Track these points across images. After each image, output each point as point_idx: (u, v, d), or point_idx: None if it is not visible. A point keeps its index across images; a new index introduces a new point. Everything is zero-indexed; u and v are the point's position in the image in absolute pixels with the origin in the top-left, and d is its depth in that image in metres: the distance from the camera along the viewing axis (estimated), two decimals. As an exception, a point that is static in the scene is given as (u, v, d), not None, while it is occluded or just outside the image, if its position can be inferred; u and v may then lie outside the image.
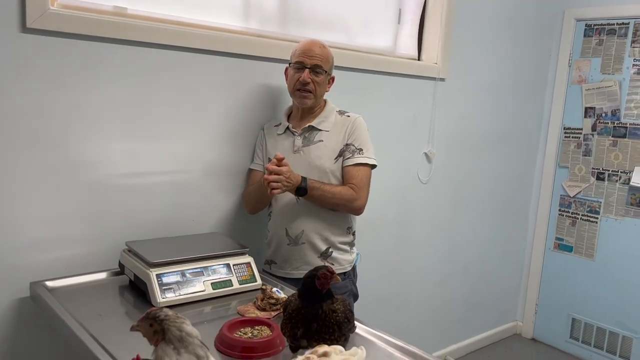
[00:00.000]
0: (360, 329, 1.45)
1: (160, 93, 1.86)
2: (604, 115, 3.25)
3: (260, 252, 2.06)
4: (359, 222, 2.07)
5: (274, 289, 1.61)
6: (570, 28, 3.36)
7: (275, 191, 1.77)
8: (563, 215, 3.46)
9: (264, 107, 2.13)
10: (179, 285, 1.58)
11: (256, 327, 1.38)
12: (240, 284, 1.69)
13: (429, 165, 2.86)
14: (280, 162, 1.78)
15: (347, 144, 1.94)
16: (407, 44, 2.73)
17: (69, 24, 1.63)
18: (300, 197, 1.88)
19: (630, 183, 3.13)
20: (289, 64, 1.94)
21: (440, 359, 3.07)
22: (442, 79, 2.79)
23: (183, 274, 1.61)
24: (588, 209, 3.34)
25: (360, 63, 2.42)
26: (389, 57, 2.61)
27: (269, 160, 1.94)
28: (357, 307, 1.86)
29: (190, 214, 2.00)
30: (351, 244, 2.02)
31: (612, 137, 3.22)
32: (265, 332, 1.36)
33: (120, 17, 1.76)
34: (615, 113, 3.20)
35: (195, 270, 1.64)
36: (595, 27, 3.28)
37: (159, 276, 1.56)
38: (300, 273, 1.91)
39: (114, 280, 1.77)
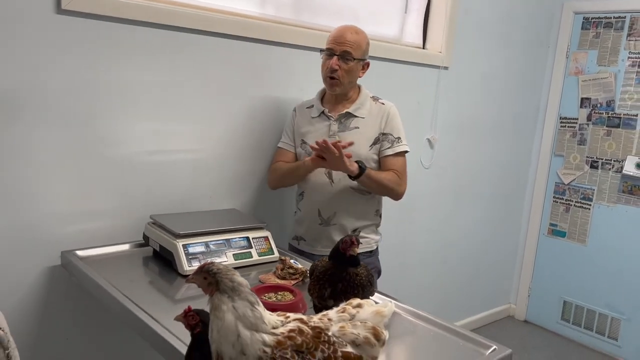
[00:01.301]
0: (378, 297, 1.56)
1: (185, 75, 1.95)
2: (599, 105, 3.37)
3: (275, 228, 2.16)
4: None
5: (292, 260, 1.72)
6: (568, 21, 3.47)
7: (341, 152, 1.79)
8: (557, 202, 3.59)
9: (283, 90, 2.23)
10: (203, 255, 1.68)
11: (279, 293, 1.48)
12: (259, 256, 1.79)
13: (431, 151, 2.97)
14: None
15: (384, 133, 1.99)
16: (413, 33, 2.83)
17: (101, 6, 1.71)
18: (353, 178, 1.90)
19: (623, 171, 3.26)
20: (322, 50, 1.96)
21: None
22: (446, 68, 2.89)
23: (207, 245, 1.71)
24: (582, 196, 3.47)
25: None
26: (396, 45, 2.70)
27: (302, 142, 2.02)
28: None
29: (208, 191, 2.09)
30: (377, 225, 2.11)
31: (607, 127, 3.35)
32: (288, 296, 1.46)
33: (149, 1, 1.84)
34: (610, 104, 3.33)
35: (218, 242, 1.74)
36: (592, 20, 3.39)
37: (185, 246, 1.66)
38: (327, 251, 1.98)
39: (138, 251, 1.87)
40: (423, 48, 2.89)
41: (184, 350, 1.10)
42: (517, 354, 3.29)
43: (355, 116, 1.99)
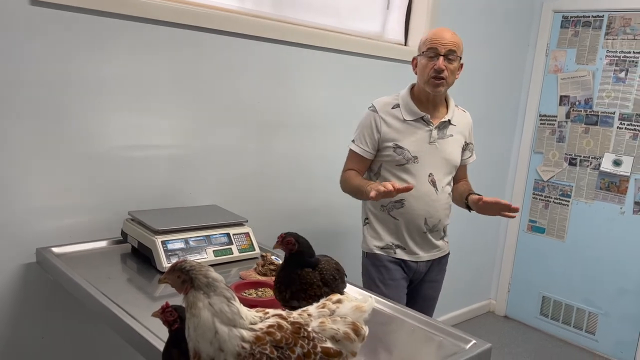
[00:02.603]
0: (358, 293, 1.56)
1: (163, 69, 1.92)
2: (577, 103, 3.42)
3: (256, 224, 2.14)
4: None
5: (273, 257, 1.71)
6: (548, 19, 3.51)
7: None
8: (537, 198, 3.63)
9: (261, 84, 2.21)
10: (183, 252, 1.66)
11: (259, 289, 1.47)
12: (239, 252, 1.78)
13: (413, 148, 2.97)
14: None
15: (467, 143, 2.09)
16: (395, 30, 2.83)
17: (77, -2, 1.68)
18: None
19: (600, 168, 3.31)
20: (421, 52, 1.89)
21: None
22: (427, 65, 2.89)
23: (186, 241, 1.69)
24: (560, 192, 3.51)
25: (350, 46, 2.51)
26: (377, 41, 2.70)
27: (397, 146, 1.93)
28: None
29: (187, 187, 2.07)
30: None
31: (585, 124, 3.39)
32: (269, 293, 1.45)
33: (125, -6, 1.81)
34: (588, 102, 3.37)
35: (198, 238, 1.72)
36: (571, 18, 3.43)
37: (164, 243, 1.64)
38: (430, 255, 2.07)
39: (116, 248, 1.84)
40: (405, 45, 2.90)
41: (162, 347, 1.09)
42: (497, 349, 3.34)
43: (451, 124, 2.00)
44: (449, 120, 1.98)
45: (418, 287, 2.12)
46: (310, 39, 2.34)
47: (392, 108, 1.97)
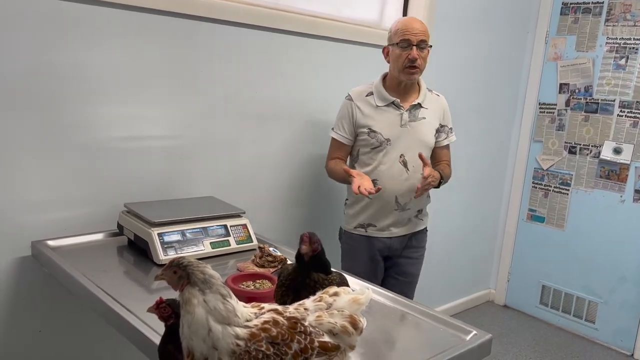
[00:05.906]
0: (355, 284, 1.54)
1: (158, 58, 1.89)
2: (577, 91, 3.39)
3: (254, 216, 2.13)
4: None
5: (271, 248, 1.69)
6: (547, 6, 3.47)
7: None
8: (536, 187, 3.62)
9: (257, 73, 2.18)
10: (179, 244, 1.65)
11: (257, 281, 1.46)
12: (237, 244, 1.76)
13: (412, 137, 2.95)
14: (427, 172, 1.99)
15: (442, 125, 2.21)
16: (392, 18, 2.79)
17: (69, -13, 1.64)
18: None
19: (600, 156, 3.29)
20: (394, 44, 2.03)
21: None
22: (426, 53, 2.86)
23: (183, 233, 1.68)
24: (560, 181, 3.50)
25: (348, 34, 2.48)
26: (375, 29, 2.67)
27: (370, 130, 2.08)
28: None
29: (184, 178, 2.05)
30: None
31: (585, 112, 3.37)
32: (267, 284, 1.44)
33: (118, -18, 1.78)
34: (588, 89, 3.34)
35: (195, 230, 1.71)
36: (571, 5, 3.39)
37: (160, 235, 1.63)
38: (403, 230, 2.19)
39: (112, 241, 1.82)
40: (403, 33, 2.86)
41: (158, 341, 1.07)
42: (496, 338, 3.33)
43: (422, 107, 2.13)
44: (420, 104, 2.11)
45: (396, 263, 2.25)
46: (307, 27, 2.31)
47: (366, 96, 2.13)
